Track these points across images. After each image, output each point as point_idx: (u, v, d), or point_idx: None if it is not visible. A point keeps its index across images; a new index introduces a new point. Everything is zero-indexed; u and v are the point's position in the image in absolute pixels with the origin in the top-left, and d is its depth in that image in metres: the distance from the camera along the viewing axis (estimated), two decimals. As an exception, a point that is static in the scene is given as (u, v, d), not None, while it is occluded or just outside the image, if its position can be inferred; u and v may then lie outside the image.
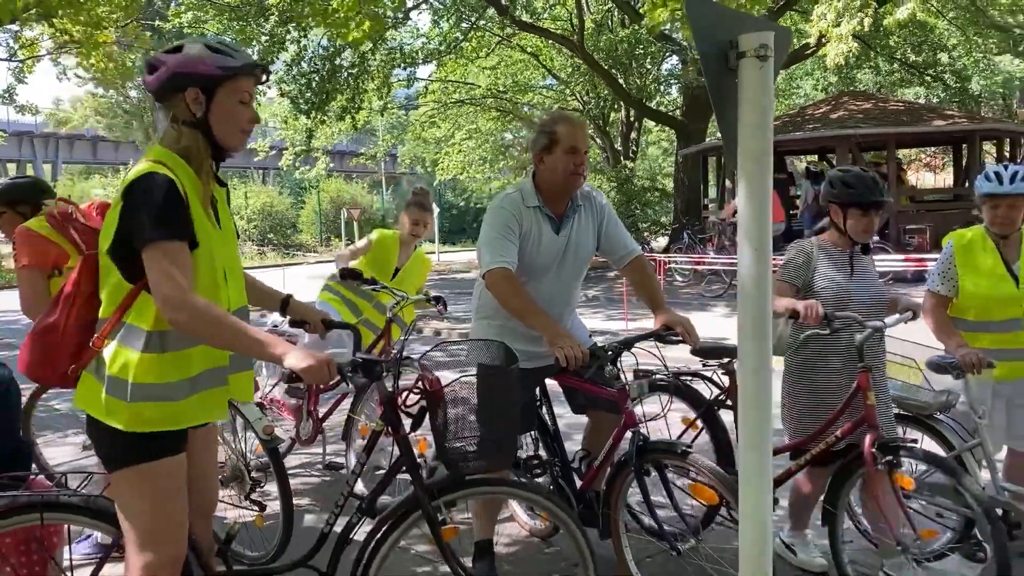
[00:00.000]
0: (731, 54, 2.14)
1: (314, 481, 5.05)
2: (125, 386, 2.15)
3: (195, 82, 2.20)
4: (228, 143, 2.29)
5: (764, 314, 2.16)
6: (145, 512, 2.23)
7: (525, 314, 3.09)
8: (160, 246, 2.10)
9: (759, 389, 2.19)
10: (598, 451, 3.39)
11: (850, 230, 3.39)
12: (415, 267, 5.19)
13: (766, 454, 2.19)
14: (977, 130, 15.49)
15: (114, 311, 2.19)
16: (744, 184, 2.14)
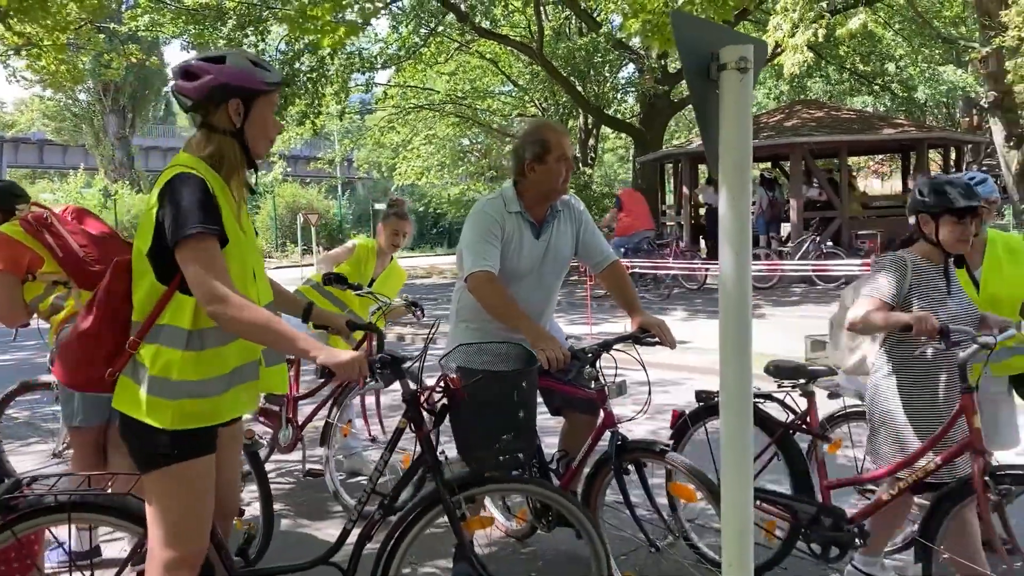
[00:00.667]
0: (712, 66, 2.24)
1: (291, 487, 5.05)
2: (168, 384, 2.22)
3: (239, 93, 2.29)
4: (258, 151, 2.40)
5: (744, 315, 2.26)
6: (176, 511, 2.30)
7: (508, 317, 3.15)
8: (195, 242, 2.17)
9: (740, 388, 2.29)
10: (575, 451, 3.46)
11: (943, 241, 3.10)
12: (390, 278, 5.22)
13: (746, 450, 2.29)
14: (925, 138, 15.95)
15: (149, 313, 2.25)
16: (726, 191, 2.24)
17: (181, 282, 2.23)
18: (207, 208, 2.20)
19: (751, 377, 2.28)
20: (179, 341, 2.23)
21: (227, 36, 15.08)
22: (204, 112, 2.31)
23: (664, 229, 18.32)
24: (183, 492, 2.29)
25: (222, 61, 2.29)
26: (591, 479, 3.31)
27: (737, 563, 2.25)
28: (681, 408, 3.82)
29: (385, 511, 2.82)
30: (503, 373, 2.75)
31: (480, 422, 2.70)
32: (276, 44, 18.06)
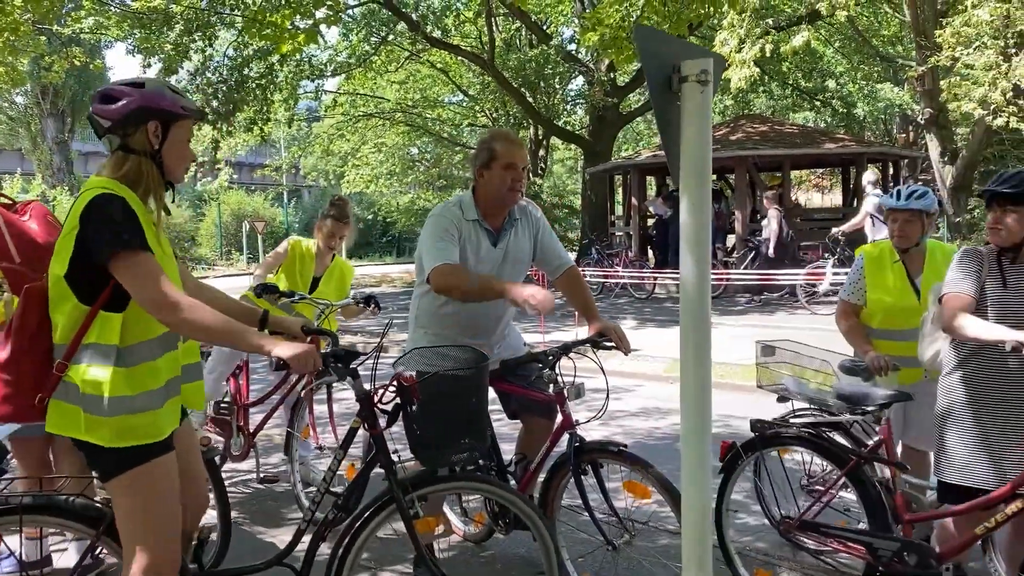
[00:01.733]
0: (674, 78, 2.33)
1: (246, 495, 5.01)
2: (101, 402, 2.24)
3: (158, 116, 2.36)
4: (175, 175, 2.47)
5: (704, 316, 2.34)
6: (144, 513, 2.32)
7: (483, 290, 3.20)
8: (130, 255, 2.23)
9: (699, 388, 2.37)
10: (533, 455, 3.51)
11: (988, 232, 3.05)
12: (336, 275, 5.10)
13: (705, 451, 2.37)
14: (865, 153, 16.43)
15: (74, 334, 2.27)
16: (687, 198, 2.32)
17: (107, 301, 2.27)
18: (134, 224, 2.26)
19: (710, 378, 2.37)
20: (108, 358, 2.26)
21: (174, 41, 14.85)
22: (122, 134, 2.36)
23: (613, 239, 18.54)
24: (147, 493, 2.31)
25: (142, 86, 2.37)
26: (549, 481, 3.37)
27: (696, 566, 2.33)
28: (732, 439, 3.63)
29: (339, 511, 2.84)
30: (453, 373, 2.80)
31: (432, 421, 2.74)
32: (224, 50, 17.83)
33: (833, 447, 3.31)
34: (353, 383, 2.82)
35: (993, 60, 9.82)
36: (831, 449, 3.31)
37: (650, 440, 6.06)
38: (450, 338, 3.37)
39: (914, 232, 3.71)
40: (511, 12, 19.60)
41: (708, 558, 2.33)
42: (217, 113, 16.46)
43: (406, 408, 2.76)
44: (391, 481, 2.73)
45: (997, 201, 2.98)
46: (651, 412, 6.89)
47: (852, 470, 3.20)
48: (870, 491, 3.17)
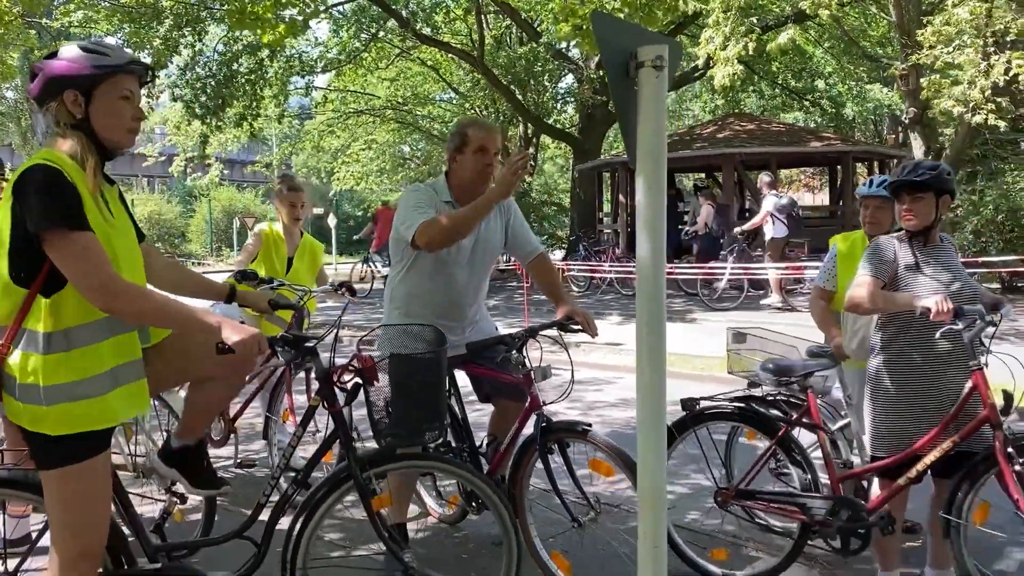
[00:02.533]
0: (631, 64, 2.41)
1: (226, 479, 5.06)
2: (37, 390, 2.16)
3: (72, 84, 2.23)
4: (114, 141, 2.32)
5: (660, 297, 2.43)
6: (71, 508, 2.27)
7: (467, 216, 3.24)
8: (66, 235, 2.12)
9: (654, 368, 2.45)
10: (503, 435, 3.60)
11: None
12: (307, 254, 5.20)
13: (661, 430, 2.45)
14: (851, 151, 16.59)
15: (14, 317, 2.18)
16: (643, 181, 2.40)
17: (44, 282, 2.17)
18: (68, 198, 2.14)
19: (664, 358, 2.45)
20: (38, 345, 2.16)
21: (163, 36, 14.89)
22: (49, 109, 2.27)
23: (601, 236, 18.64)
24: (77, 490, 2.26)
25: (54, 56, 2.27)
26: (518, 461, 3.45)
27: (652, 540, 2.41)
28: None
29: (298, 486, 2.91)
30: (410, 354, 2.86)
31: (390, 401, 2.80)
32: (214, 44, 17.86)
33: (761, 418, 3.50)
34: (313, 361, 2.88)
35: (973, 58, 9.94)
36: (760, 420, 3.49)
37: (627, 430, 6.14)
38: (420, 316, 3.43)
39: (885, 219, 3.83)
40: (501, 9, 19.68)
41: (663, 540, 2.41)
42: (206, 108, 16.49)
43: (365, 388, 2.83)
44: (349, 458, 2.79)
45: (906, 190, 3.20)
46: (630, 403, 6.97)
47: (782, 438, 3.40)
48: (799, 456, 3.39)
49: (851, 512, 3.24)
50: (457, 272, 3.53)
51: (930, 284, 3.18)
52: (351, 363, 2.82)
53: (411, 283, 3.54)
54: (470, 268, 3.57)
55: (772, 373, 3.53)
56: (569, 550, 3.49)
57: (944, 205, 3.22)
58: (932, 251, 3.27)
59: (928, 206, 3.19)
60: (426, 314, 3.47)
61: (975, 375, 3.02)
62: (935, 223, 3.24)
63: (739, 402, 3.56)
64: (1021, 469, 2.87)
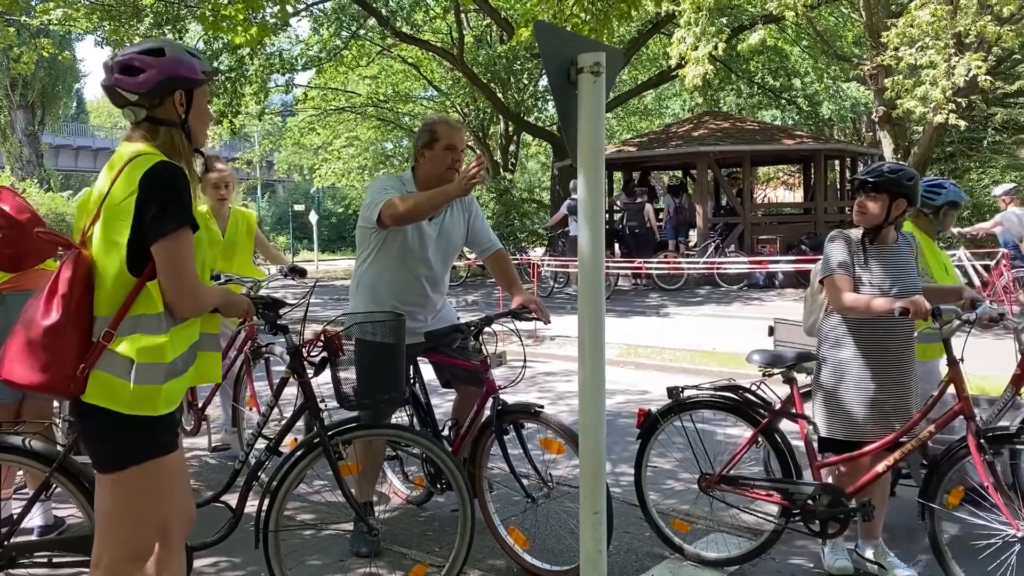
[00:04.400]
0: (572, 70, 2.62)
1: (199, 468, 5.24)
2: (161, 369, 2.21)
3: (183, 85, 2.32)
4: (199, 140, 2.44)
5: (598, 282, 2.65)
6: (143, 509, 2.26)
7: (428, 199, 3.41)
8: (181, 236, 2.21)
9: (595, 349, 2.68)
10: (464, 419, 3.80)
11: None
12: (239, 226, 5.20)
13: (600, 409, 2.69)
14: (822, 149, 16.89)
15: (121, 304, 2.21)
16: (582, 177, 2.63)
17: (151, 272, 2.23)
18: (188, 199, 2.23)
19: (603, 340, 2.68)
20: (160, 325, 2.22)
21: (144, 34, 14.94)
22: (148, 106, 2.31)
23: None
24: (154, 488, 2.26)
25: (161, 53, 2.30)
26: (476, 442, 3.65)
27: (591, 506, 2.63)
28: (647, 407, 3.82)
29: (270, 452, 3.13)
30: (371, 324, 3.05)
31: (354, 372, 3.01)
32: (194, 43, 17.93)
33: (744, 407, 3.58)
34: (285, 336, 3.08)
35: (935, 59, 10.23)
36: (743, 409, 3.58)
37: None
38: (388, 305, 3.62)
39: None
40: (480, 8, 19.84)
41: (603, 509, 2.63)
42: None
43: (332, 361, 3.04)
44: (318, 426, 3.01)
45: (863, 188, 3.38)
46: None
47: (764, 427, 3.50)
48: (781, 444, 3.49)
49: (832, 498, 3.36)
50: (422, 260, 3.73)
51: (868, 286, 3.34)
52: (319, 338, 3.03)
53: (377, 270, 3.74)
54: (433, 257, 3.77)
55: (759, 361, 3.61)
56: (526, 527, 3.69)
57: (897, 208, 3.34)
58: (880, 251, 3.40)
59: (879, 207, 3.33)
60: (390, 300, 3.67)
61: (951, 370, 3.16)
62: (886, 224, 3.37)
63: (724, 391, 3.64)
64: (991, 458, 3.03)
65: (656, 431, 3.75)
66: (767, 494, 3.57)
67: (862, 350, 3.37)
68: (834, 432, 3.44)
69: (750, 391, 3.60)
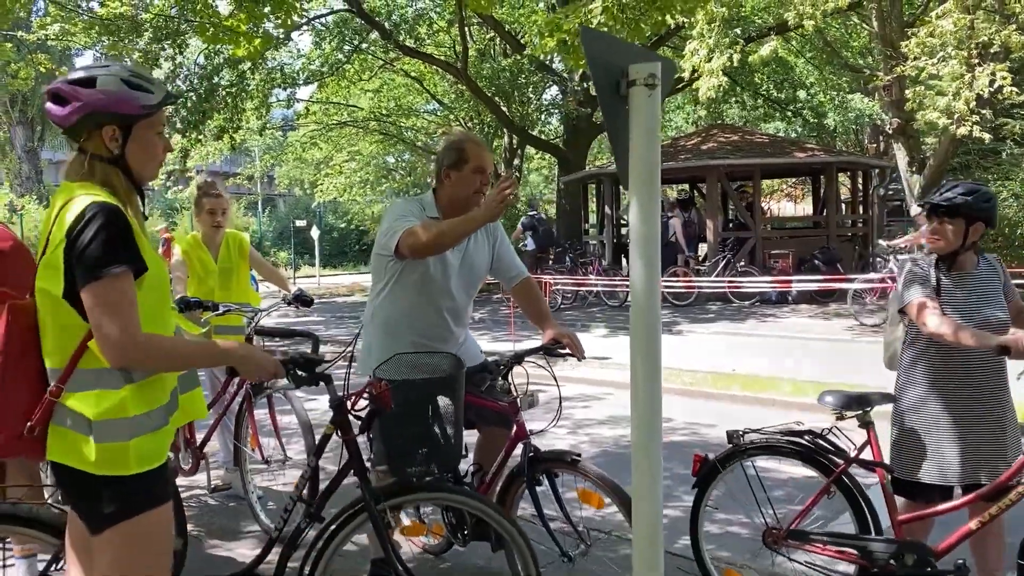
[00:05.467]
0: (622, 82, 2.31)
1: (199, 508, 4.91)
2: (123, 425, 2.01)
3: (113, 120, 2.07)
4: (144, 176, 2.18)
5: (655, 322, 2.33)
6: (139, 569, 2.08)
7: (452, 228, 3.07)
8: (113, 280, 1.97)
9: (650, 396, 2.35)
10: (489, 465, 3.47)
11: None
12: (232, 251, 5.02)
13: (657, 458, 2.35)
14: (834, 162, 16.60)
15: (71, 356, 2.02)
16: (635, 204, 2.30)
17: None
18: (130, 238, 2.02)
19: (660, 375, 2.36)
20: (118, 378, 2.02)
21: (143, 49, 14.70)
22: (77, 139, 2.10)
23: (587, 247, 18.58)
24: (145, 547, 2.07)
25: (92, 84, 2.05)
26: (504, 491, 3.32)
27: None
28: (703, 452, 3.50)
29: (311, 519, 2.81)
30: (427, 380, 2.75)
31: (405, 430, 2.70)
32: (195, 57, 17.69)
33: (817, 454, 3.24)
34: (327, 387, 2.79)
35: (957, 70, 9.95)
36: (815, 456, 3.23)
37: (617, 448, 6.04)
38: (406, 341, 3.32)
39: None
40: (484, 22, 19.62)
41: (660, 567, 2.30)
42: (187, 122, 16.31)
43: (379, 416, 2.72)
44: (364, 490, 2.69)
45: (935, 213, 3.10)
46: (619, 420, 6.87)
47: (838, 476, 3.17)
48: (858, 496, 3.16)
49: (917, 557, 3.03)
50: (443, 291, 3.40)
51: (953, 313, 3.05)
52: (365, 390, 2.71)
53: (394, 302, 3.41)
54: (456, 287, 3.45)
55: (833, 403, 3.24)
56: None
57: (975, 232, 3.09)
58: (960, 279, 3.14)
59: (955, 232, 3.08)
60: (409, 335, 3.35)
61: None
62: (963, 249, 3.11)
63: (791, 435, 3.28)
64: None
65: (715, 479, 3.40)
66: (842, 552, 3.20)
67: (946, 385, 3.09)
68: (908, 472, 3.14)
69: (821, 436, 3.24)
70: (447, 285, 3.39)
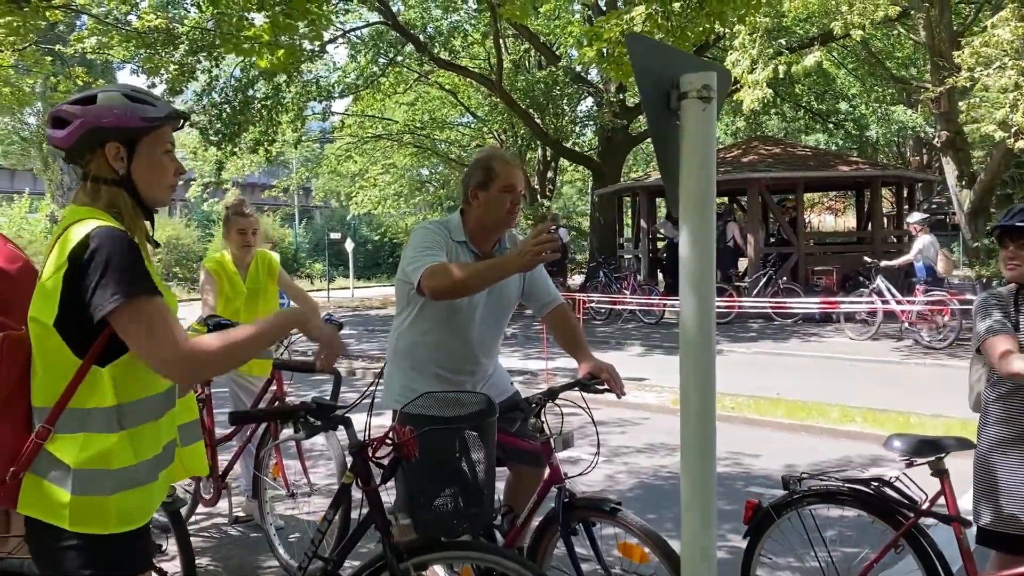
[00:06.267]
0: (673, 94, 2.04)
1: (218, 540, 4.70)
2: (106, 477, 1.83)
3: (116, 136, 1.94)
4: (155, 199, 2.02)
5: (708, 361, 2.05)
6: None
7: (480, 273, 2.83)
8: (138, 304, 1.82)
9: (704, 437, 2.07)
10: (520, 506, 3.20)
11: None
12: (260, 271, 4.87)
13: (710, 510, 2.06)
14: (880, 176, 16.12)
15: (61, 394, 1.85)
16: (687, 229, 2.03)
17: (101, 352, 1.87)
18: (140, 264, 1.88)
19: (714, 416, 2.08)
20: (110, 422, 1.85)
21: (179, 61, 14.71)
22: (81, 162, 1.97)
23: (622, 262, 18.26)
24: None
25: (92, 101, 1.95)
26: (537, 539, 3.05)
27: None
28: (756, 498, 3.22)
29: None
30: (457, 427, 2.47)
31: (432, 481, 2.45)
32: (231, 70, 17.72)
33: (887, 503, 2.94)
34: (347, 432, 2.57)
35: (1014, 80, 9.52)
36: (884, 506, 2.94)
37: (656, 480, 5.73)
38: (430, 373, 3.09)
39: None
40: (519, 33, 19.45)
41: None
42: (221, 135, 16.32)
43: (403, 464, 2.46)
44: (386, 546, 2.44)
45: (1010, 236, 2.83)
46: (657, 448, 6.55)
47: (908, 529, 2.87)
48: (931, 552, 2.86)
49: None
50: (470, 321, 3.14)
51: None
52: (388, 435, 2.46)
53: (418, 332, 3.16)
54: (484, 317, 3.19)
55: (902, 449, 2.96)
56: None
57: None
58: None
59: None
60: (434, 367, 3.10)
61: None
62: None
63: (855, 483, 3.01)
64: None
65: (769, 527, 3.09)
66: None
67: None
68: (989, 522, 2.85)
69: (888, 484, 2.95)
70: (475, 315, 3.13)
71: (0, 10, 8.95)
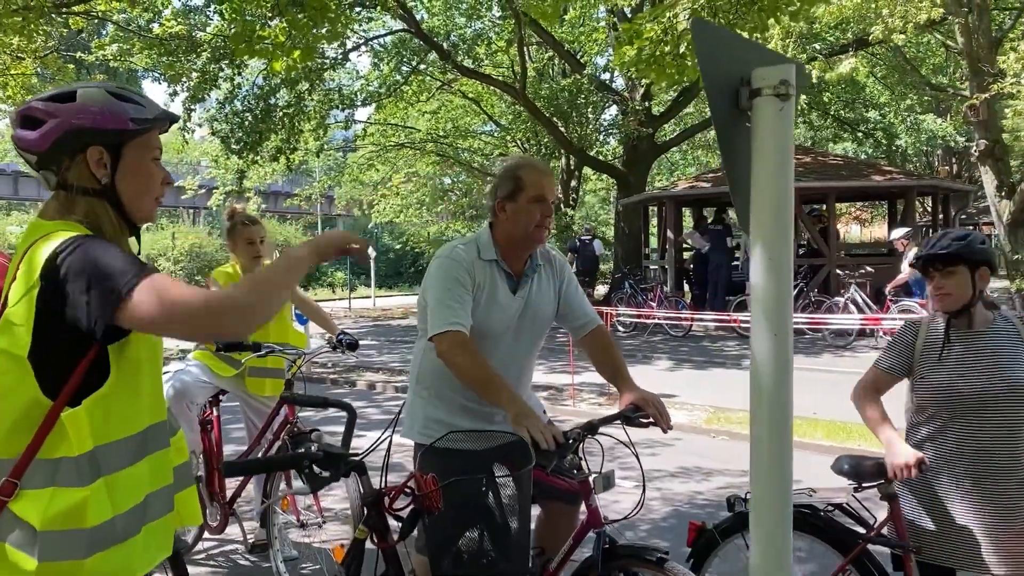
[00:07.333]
0: (743, 91, 1.75)
1: (225, 570, 4.43)
2: (78, 538, 1.55)
3: (99, 139, 1.68)
4: (141, 212, 1.76)
5: (783, 417, 1.76)
6: None
7: (484, 386, 2.60)
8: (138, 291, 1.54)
9: (781, 484, 1.77)
10: (553, 548, 2.91)
11: None
12: None
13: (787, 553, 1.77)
14: (915, 186, 15.71)
15: (28, 443, 1.58)
16: (760, 247, 1.74)
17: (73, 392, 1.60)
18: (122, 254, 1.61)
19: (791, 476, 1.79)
20: (84, 472, 1.58)
21: (201, 68, 14.60)
22: (55, 168, 1.69)
23: (647, 273, 17.92)
24: None
25: (71, 99, 1.68)
26: (575, 588, 2.74)
27: None
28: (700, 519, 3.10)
29: None
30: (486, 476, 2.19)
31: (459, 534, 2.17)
32: (254, 78, 17.62)
33: (832, 530, 2.91)
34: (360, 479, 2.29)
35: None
36: (830, 532, 2.91)
37: (692, 508, 5.39)
38: (457, 404, 2.82)
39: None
40: (544, 41, 19.21)
41: None
42: (243, 143, 16.19)
43: (424, 517, 2.17)
44: None
45: (934, 265, 2.78)
46: (692, 472, 6.22)
47: (856, 556, 2.84)
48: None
49: None
50: (499, 346, 2.86)
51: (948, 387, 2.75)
52: (407, 485, 2.17)
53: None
54: (515, 342, 2.91)
55: (848, 473, 2.94)
56: None
57: (982, 278, 2.79)
58: (976, 338, 2.78)
59: (962, 281, 2.75)
60: (460, 398, 2.82)
61: None
62: (973, 300, 2.78)
63: (802, 508, 2.92)
64: None
65: (712, 552, 3.02)
66: None
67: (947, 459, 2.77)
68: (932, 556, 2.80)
69: (840, 508, 2.93)
70: (503, 335, 2.84)
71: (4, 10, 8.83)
